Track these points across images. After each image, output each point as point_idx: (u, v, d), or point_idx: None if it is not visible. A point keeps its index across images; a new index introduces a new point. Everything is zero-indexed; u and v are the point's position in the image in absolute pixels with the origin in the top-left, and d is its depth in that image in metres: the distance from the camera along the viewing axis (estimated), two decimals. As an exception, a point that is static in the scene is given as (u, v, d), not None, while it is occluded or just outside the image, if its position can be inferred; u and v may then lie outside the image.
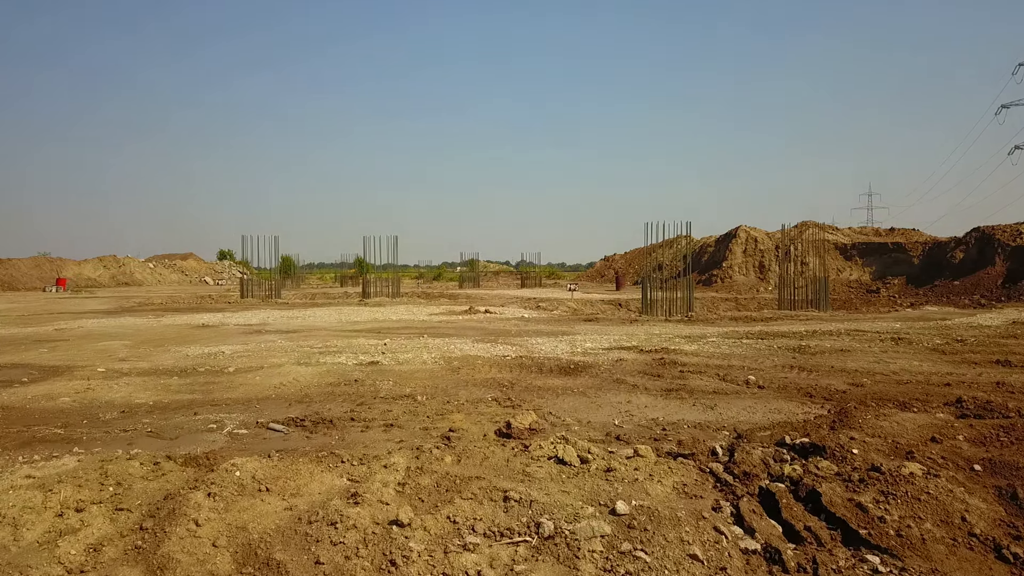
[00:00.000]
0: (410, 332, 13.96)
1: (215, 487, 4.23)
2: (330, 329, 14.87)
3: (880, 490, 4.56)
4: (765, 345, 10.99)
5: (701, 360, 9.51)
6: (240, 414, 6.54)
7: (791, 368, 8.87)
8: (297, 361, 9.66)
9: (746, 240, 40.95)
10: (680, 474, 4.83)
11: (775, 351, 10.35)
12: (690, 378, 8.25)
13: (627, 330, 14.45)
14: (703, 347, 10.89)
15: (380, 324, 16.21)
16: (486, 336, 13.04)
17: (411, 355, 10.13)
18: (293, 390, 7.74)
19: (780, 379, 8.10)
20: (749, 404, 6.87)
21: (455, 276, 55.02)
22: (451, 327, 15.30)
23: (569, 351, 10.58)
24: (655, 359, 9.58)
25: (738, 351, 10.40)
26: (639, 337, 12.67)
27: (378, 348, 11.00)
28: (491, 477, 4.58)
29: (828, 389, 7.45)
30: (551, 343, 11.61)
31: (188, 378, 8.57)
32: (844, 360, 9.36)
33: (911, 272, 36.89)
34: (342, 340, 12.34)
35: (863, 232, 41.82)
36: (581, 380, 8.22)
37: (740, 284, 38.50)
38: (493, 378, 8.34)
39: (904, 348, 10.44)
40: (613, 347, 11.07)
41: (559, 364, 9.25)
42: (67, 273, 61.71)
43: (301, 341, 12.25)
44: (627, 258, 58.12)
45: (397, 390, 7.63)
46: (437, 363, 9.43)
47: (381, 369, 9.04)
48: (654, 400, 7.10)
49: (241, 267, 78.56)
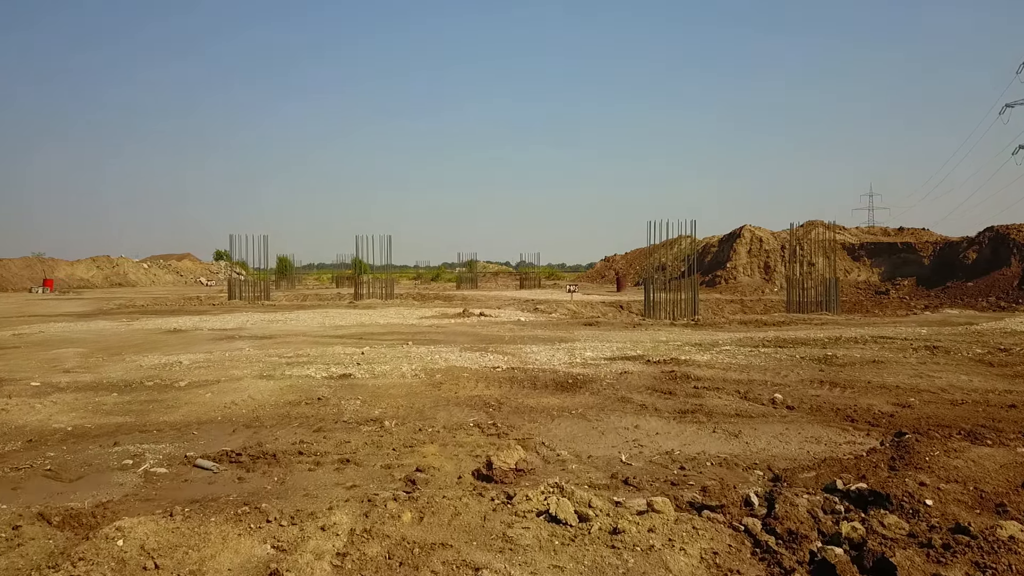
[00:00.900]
0: (395, 338, 12.85)
1: (81, 568, 3.12)
2: (309, 335, 13.76)
3: (973, 561, 3.45)
4: (786, 355, 9.87)
5: (716, 373, 8.39)
6: (170, 444, 5.42)
7: (820, 383, 7.75)
8: (259, 374, 8.55)
9: (751, 240, 39.82)
10: (708, 536, 3.71)
11: (798, 362, 9.23)
12: (706, 396, 7.13)
13: (630, 336, 13.33)
14: (717, 357, 9.77)
15: (365, 329, 15.09)
16: (477, 343, 11.93)
17: (389, 367, 9.01)
18: (245, 411, 6.63)
19: (811, 398, 6.98)
20: (780, 430, 5.76)
21: (454, 277, 53.87)
22: (440, 332, 14.19)
23: (567, 361, 9.46)
24: (665, 372, 8.46)
25: (757, 362, 9.28)
26: (644, 344, 11.55)
27: (354, 358, 9.88)
28: (461, 544, 3.47)
29: (871, 411, 6.34)
30: (548, 352, 10.50)
31: (129, 395, 7.46)
32: (880, 373, 8.24)
33: (921, 273, 35.76)
34: (318, 348, 11.22)
35: (871, 232, 40.67)
36: (580, 398, 7.11)
37: (745, 285, 37.38)
38: (479, 396, 7.22)
39: (944, 359, 9.31)
40: (616, 357, 9.95)
41: (555, 378, 8.13)
42: (59, 274, 60.68)
43: (272, 349, 11.13)
44: (628, 259, 56.98)
45: (364, 412, 6.52)
46: (417, 377, 8.31)
47: (352, 384, 7.93)
48: (667, 425, 5.98)
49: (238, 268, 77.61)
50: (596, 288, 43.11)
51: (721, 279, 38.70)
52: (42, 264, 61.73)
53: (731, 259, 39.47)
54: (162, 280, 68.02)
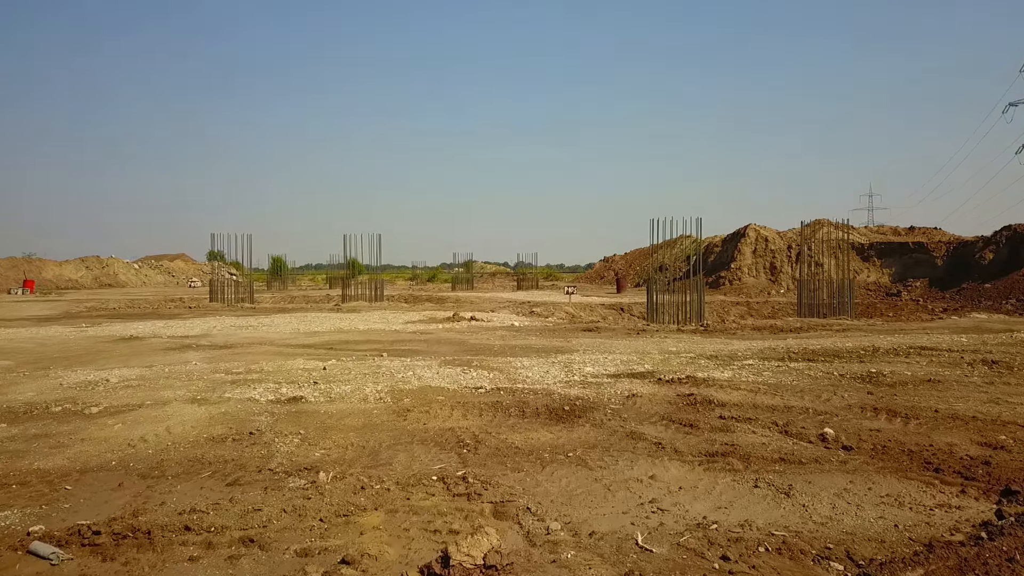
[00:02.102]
0: (370, 348, 11.39)
1: None
2: (276, 343, 12.30)
3: None
4: (821, 371, 8.42)
5: (744, 397, 6.94)
6: (20, 510, 3.97)
7: (875, 411, 6.30)
8: (193, 397, 7.10)
9: (756, 240, 38.38)
10: None
11: (838, 381, 7.79)
12: (737, 430, 5.69)
13: (635, 345, 11.88)
14: (740, 374, 8.32)
15: (341, 336, 13.64)
16: (461, 354, 10.48)
17: (350, 387, 7.55)
18: (151, 451, 5.18)
19: (870, 433, 5.54)
20: (843, 485, 4.32)
21: (450, 278, 52.36)
22: (423, 341, 12.73)
23: (564, 380, 8.02)
24: (681, 395, 7.01)
25: (788, 380, 7.84)
26: (652, 356, 10.10)
27: (313, 375, 8.43)
28: None
29: (955, 455, 4.90)
30: (541, 366, 9.05)
31: (20, 426, 6.01)
32: (943, 398, 6.80)
33: (934, 274, 34.33)
34: (277, 361, 9.76)
35: (880, 231, 39.24)
36: (579, 432, 5.66)
37: (750, 287, 35.93)
38: (452, 429, 5.78)
39: (1013, 377, 7.87)
40: (622, 373, 8.50)
41: (549, 403, 6.69)
42: (47, 274, 59.18)
43: (225, 363, 9.67)
44: (627, 259, 55.51)
45: (301, 454, 5.07)
46: (381, 401, 6.86)
47: (300, 411, 6.48)
48: (692, 474, 4.55)
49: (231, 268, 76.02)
50: (595, 289, 41.65)
51: (725, 280, 37.25)
52: (29, 264, 60.20)
53: (735, 259, 38.03)
54: (153, 281, 66.52)
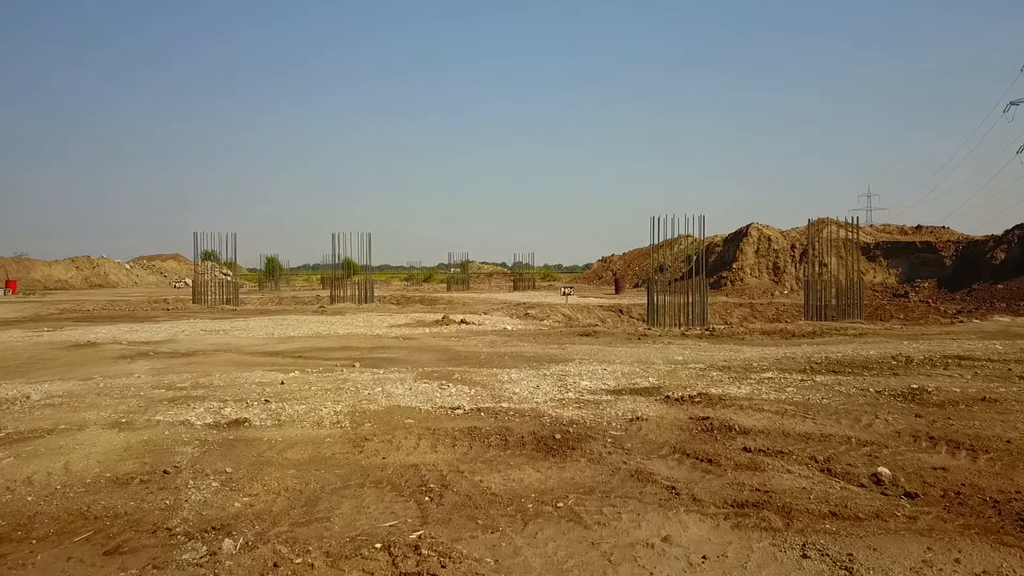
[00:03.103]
0: (342, 357, 10.28)
1: None
2: (242, 350, 11.19)
3: None
4: (854, 387, 7.31)
5: (770, 421, 5.84)
6: None
7: (930, 440, 5.21)
8: (116, 420, 6.00)
9: (758, 239, 37.31)
10: None
11: (875, 399, 6.70)
12: (768, 467, 4.59)
13: (637, 352, 10.79)
14: (759, 390, 7.22)
15: (316, 342, 12.53)
16: (443, 364, 9.38)
17: (306, 407, 6.45)
18: (30, 499, 4.09)
19: (933, 473, 4.45)
20: (919, 555, 3.23)
21: (447, 278, 51.19)
22: (404, 347, 11.63)
23: (556, 398, 6.92)
24: (694, 419, 5.91)
25: (817, 398, 6.75)
26: (657, 367, 9.01)
27: (269, 390, 7.32)
28: None
29: (1054, 507, 3.81)
30: (531, 380, 7.95)
31: None
32: (1009, 422, 5.71)
33: (942, 274, 33.30)
34: (233, 372, 8.65)
35: (887, 230, 38.18)
36: (572, 471, 4.57)
37: (753, 287, 34.87)
38: (416, 466, 4.68)
39: (1077, 395, 6.78)
40: (623, 389, 7.41)
41: (537, 429, 5.59)
42: (36, 274, 58.01)
43: (173, 375, 8.57)
44: (626, 259, 54.40)
45: (217, 505, 3.97)
46: (338, 426, 5.76)
47: (238, 439, 5.38)
48: (717, 536, 3.46)
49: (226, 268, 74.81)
50: (593, 290, 40.55)
51: (727, 280, 36.18)
52: (18, 265, 59.02)
53: (737, 259, 36.95)
54: (145, 281, 65.35)
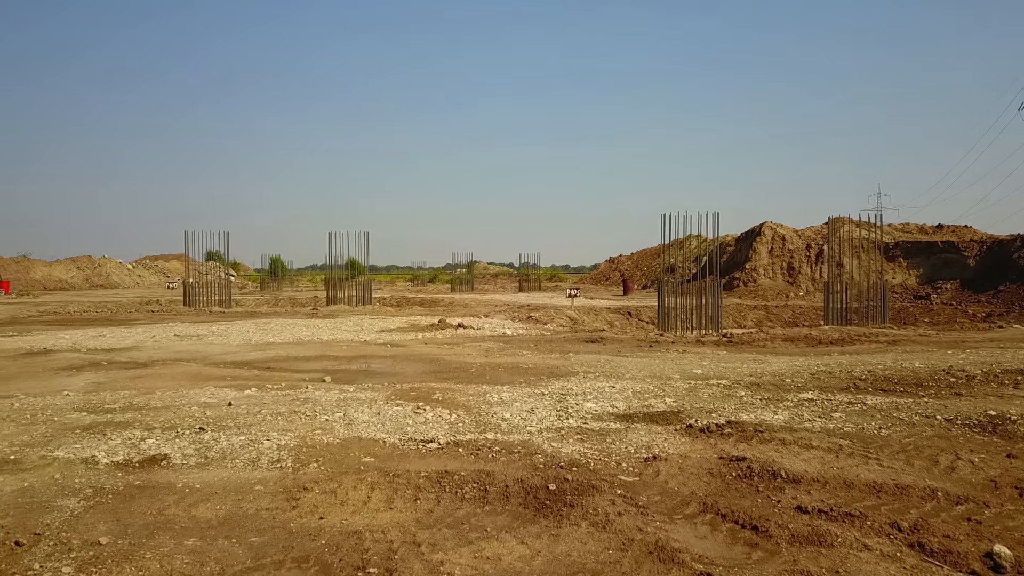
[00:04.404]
0: (315, 369, 9.09)
1: None
2: (207, 360, 10.02)
3: None
4: (917, 413, 6.03)
5: (824, 463, 4.59)
6: None
7: (1042, 495, 3.96)
8: (4, 457, 4.82)
9: (772, 238, 35.94)
10: None
11: (946, 430, 5.43)
12: (835, 541, 3.35)
13: (649, 363, 9.55)
14: (801, 416, 5.96)
15: (293, 350, 11.35)
16: (426, 379, 8.17)
17: (246, 437, 5.25)
18: None
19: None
20: None
21: (451, 279, 50.05)
22: (389, 356, 10.43)
23: (554, 426, 5.69)
24: (726, 460, 4.66)
25: (874, 427, 5.49)
26: (674, 384, 7.77)
27: (209, 414, 6.11)
28: None
29: None
30: (525, 401, 6.72)
31: None
32: None
33: (965, 276, 31.87)
34: (181, 390, 7.45)
35: (906, 229, 36.74)
36: (568, 544, 3.34)
37: (767, 289, 33.54)
38: (359, 533, 3.47)
39: None
40: (635, 413, 6.17)
41: (527, 475, 4.36)
42: (36, 275, 57.25)
43: (110, 392, 7.38)
44: (634, 259, 53.12)
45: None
46: (276, 466, 4.56)
47: (145, 485, 4.18)
48: None
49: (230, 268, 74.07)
50: (600, 291, 39.29)
51: (739, 282, 34.85)
52: (18, 265, 58.31)
53: (750, 259, 35.60)
54: (147, 282, 64.62)
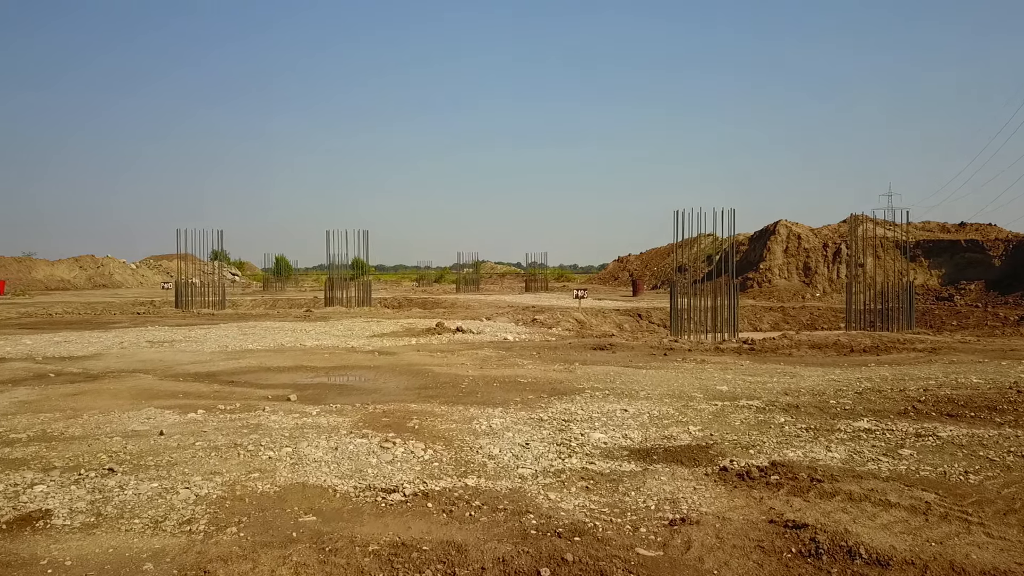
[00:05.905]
0: (283, 385, 7.97)
1: None
2: (167, 372, 8.93)
3: None
4: (1008, 449, 4.83)
5: (915, 535, 3.43)
6: None
7: None
8: None
9: (787, 237, 34.65)
10: None
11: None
12: None
13: (666, 377, 8.40)
14: (862, 454, 4.79)
15: (269, 359, 10.26)
16: (407, 398, 7.04)
17: (160, 484, 4.13)
18: None
19: None
20: None
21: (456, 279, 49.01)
22: (373, 367, 9.31)
23: (553, 467, 4.55)
24: (779, 526, 3.51)
25: (958, 471, 4.33)
26: (697, 406, 6.61)
27: (131, 448, 5.00)
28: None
29: None
30: (519, 431, 5.58)
31: None
32: None
33: (990, 276, 30.53)
34: (112, 412, 6.34)
35: (927, 228, 35.37)
36: None
37: (782, 289, 32.27)
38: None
39: None
40: (653, 448, 5.02)
41: (511, 552, 3.20)
42: (37, 274, 56.56)
43: (27, 415, 6.28)
44: (643, 259, 51.86)
45: None
46: (185, 530, 3.45)
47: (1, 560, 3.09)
48: None
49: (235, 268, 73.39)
50: (609, 291, 38.09)
51: (753, 282, 33.59)
52: (19, 264, 57.67)
53: (765, 259, 34.32)
54: (150, 281, 63.93)
